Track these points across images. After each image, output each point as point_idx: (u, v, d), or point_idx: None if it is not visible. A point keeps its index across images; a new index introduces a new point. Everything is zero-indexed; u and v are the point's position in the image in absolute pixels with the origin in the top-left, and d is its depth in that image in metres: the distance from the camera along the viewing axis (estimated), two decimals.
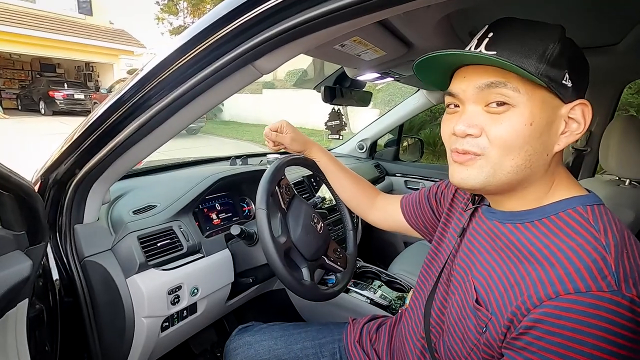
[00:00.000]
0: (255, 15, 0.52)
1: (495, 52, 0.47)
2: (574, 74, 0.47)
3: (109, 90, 9.87)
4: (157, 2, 15.54)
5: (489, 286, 0.50)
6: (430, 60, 0.50)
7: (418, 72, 0.55)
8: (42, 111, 11.02)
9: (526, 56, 0.46)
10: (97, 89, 12.23)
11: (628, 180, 1.22)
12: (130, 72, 12.44)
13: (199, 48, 0.57)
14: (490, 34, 0.49)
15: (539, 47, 0.46)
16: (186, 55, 0.59)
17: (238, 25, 0.54)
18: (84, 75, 14.18)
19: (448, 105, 0.54)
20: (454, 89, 0.51)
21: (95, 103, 10.23)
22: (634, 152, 1.14)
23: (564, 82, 0.46)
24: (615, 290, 0.39)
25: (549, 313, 0.41)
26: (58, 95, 10.60)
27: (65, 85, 11.24)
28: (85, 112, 10.90)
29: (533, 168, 0.48)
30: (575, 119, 0.48)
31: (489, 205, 0.59)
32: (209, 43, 0.56)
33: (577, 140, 0.49)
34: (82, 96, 11.02)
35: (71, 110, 10.84)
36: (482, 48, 0.48)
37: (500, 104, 0.47)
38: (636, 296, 0.39)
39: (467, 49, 0.51)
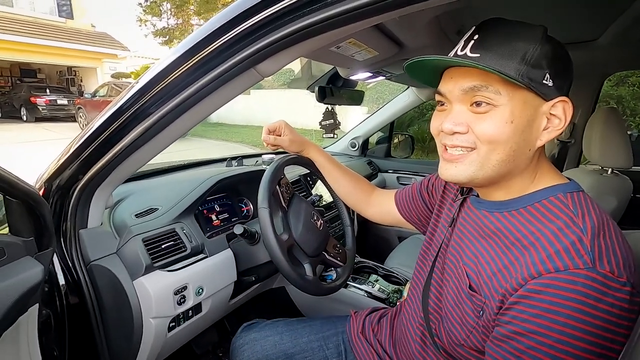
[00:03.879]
0: (259, 21, 0.54)
1: (479, 55, 0.50)
2: (555, 73, 0.50)
3: (94, 95, 9.66)
4: (140, 4, 15.31)
5: (479, 272, 0.54)
6: (419, 62, 0.53)
7: (410, 72, 0.58)
8: (24, 118, 10.74)
9: (508, 58, 0.49)
10: (81, 93, 11.95)
11: (610, 169, 1.28)
12: (114, 76, 12.23)
13: (203, 53, 0.59)
14: (476, 36, 0.52)
15: (521, 49, 0.49)
16: (190, 61, 0.61)
17: (242, 31, 0.56)
18: (67, 80, 13.87)
19: (438, 102, 0.58)
20: (442, 89, 0.55)
21: (79, 108, 10.00)
22: (615, 142, 1.20)
23: (544, 81, 0.49)
24: (590, 267, 0.43)
25: (531, 289, 0.45)
26: (40, 101, 10.34)
27: (47, 90, 10.96)
28: (69, 118, 10.69)
29: (516, 162, 0.52)
30: (556, 115, 0.51)
31: (477, 196, 0.63)
32: (213, 48, 0.58)
33: (561, 134, 0.53)
34: (65, 101, 10.77)
35: (54, 116, 10.59)
36: (467, 50, 0.51)
37: (483, 104, 0.50)
38: (609, 272, 0.43)
39: (455, 50, 0.54)
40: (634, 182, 1.32)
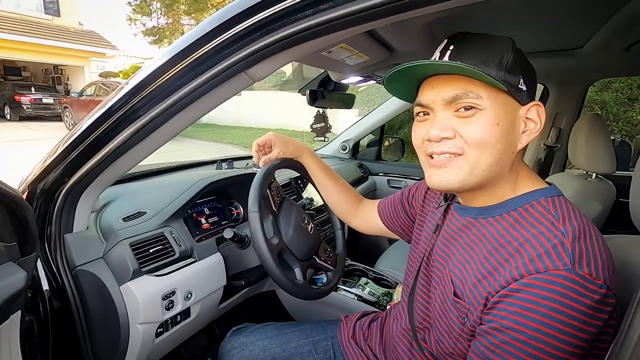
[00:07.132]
0: (249, 26, 0.54)
1: (459, 62, 0.51)
2: (527, 79, 0.53)
3: (81, 94, 9.48)
4: (129, 3, 15.10)
5: (464, 278, 0.54)
6: (401, 72, 0.53)
7: (388, 84, 0.58)
8: (8, 117, 10.49)
9: (487, 64, 0.51)
10: (67, 92, 11.74)
11: (595, 174, 1.31)
12: (102, 75, 12.03)
13: (194, 57, 0.58)
14: (452, 47, 0.54)
15: (497, 55, 0.52)
16: (180, 64, 0.60)
17: (232, 35, 0.55)
18: (53, 79, 13.60)
19: (417, 114, 0.58)
20: (424, 100, 0.55)
21: (65, 107, 9.80)
22: (600, 147, 1.22)
23: (520, 86, 0.53)
24: (570, 269, 0.44)
25: (513, 289, 0.46)
26: (25, 99, 10.11)
27: (33, 89, 10.73)
28: (55, 117, 10.47)
29: (502, 166, 0.53)
30: (532, 119, 0.54)
31: (459, 203, 0.64)
32: (204, 52, 0.58)
33: (535, 138, 0.55)
34: (50, 100, 10.55)
35: (39, 115, 10.37)
36: (446, 58, 0.53)
37: (468, 108, 0.51)
38: (587, 274, 0.44)
39: (432, 60, 0.55)
40: (618, 187, 1.35)
